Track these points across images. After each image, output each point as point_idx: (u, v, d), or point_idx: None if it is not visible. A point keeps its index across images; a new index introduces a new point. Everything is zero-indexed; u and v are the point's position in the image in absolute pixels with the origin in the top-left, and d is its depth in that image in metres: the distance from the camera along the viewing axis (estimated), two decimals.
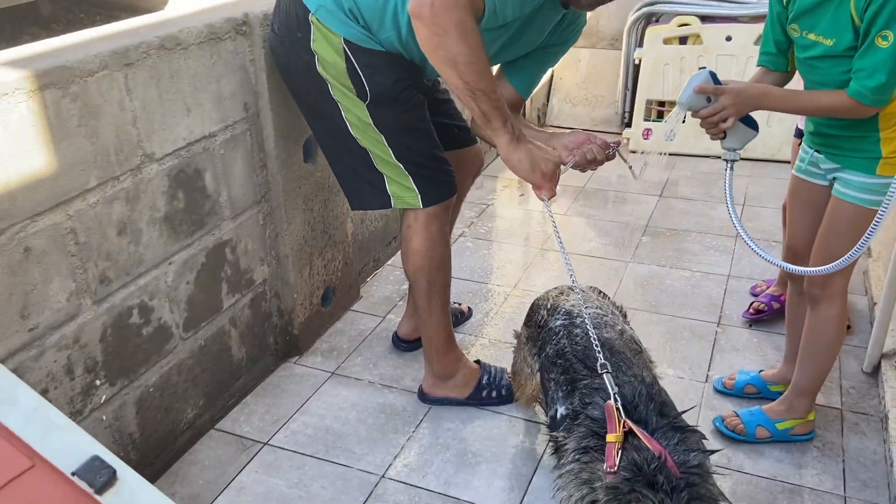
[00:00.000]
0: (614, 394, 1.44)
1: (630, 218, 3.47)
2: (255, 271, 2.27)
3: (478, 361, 2.33)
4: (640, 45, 4.25)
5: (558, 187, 1.84)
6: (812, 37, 1.67)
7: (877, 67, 1.55)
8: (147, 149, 1.79)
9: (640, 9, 4.24)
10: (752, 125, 1.79)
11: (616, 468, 1.29)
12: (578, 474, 1.39)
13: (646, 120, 4.23)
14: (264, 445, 2.10)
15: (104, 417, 1.80)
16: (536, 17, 1.82)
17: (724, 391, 2.25)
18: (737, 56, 4.01)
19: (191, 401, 2.08)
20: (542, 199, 1.82)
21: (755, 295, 2.74)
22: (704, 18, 4.10)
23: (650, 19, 4.27)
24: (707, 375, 2.35)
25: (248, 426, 2.19)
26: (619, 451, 1.31)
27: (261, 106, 2.13)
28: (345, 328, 2.66)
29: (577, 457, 1.42)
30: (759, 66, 1.88)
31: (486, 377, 2.27)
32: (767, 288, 2.72)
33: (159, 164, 1.83)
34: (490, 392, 2.25)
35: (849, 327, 2.51)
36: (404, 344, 2.53)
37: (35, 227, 1.54)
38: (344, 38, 1.83)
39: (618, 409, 1.40)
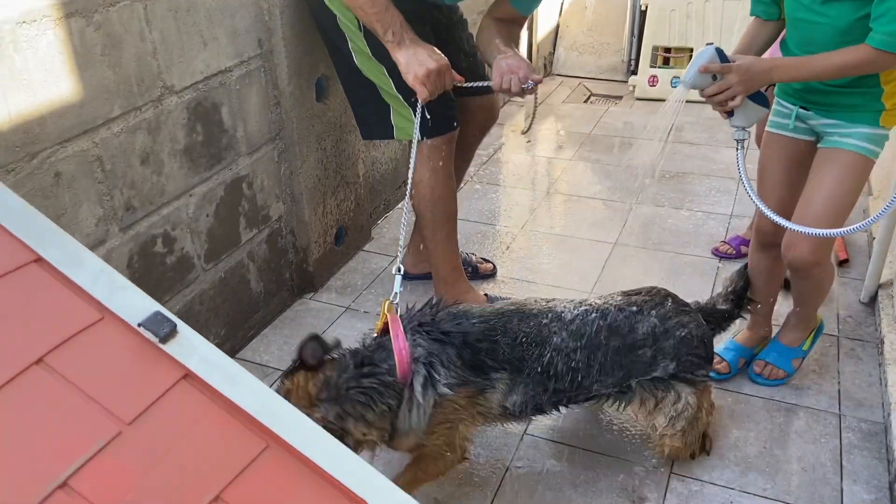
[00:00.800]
0: (394, 294, 1.68)
1: (635, 162, 3.52)
2: (271, 208, 2.34)
3: (486, 295, 2.41)
4: None
5: (565, 132, 1.87)
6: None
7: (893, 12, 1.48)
8: (167, 80, 1.84)
9: None
10: (762, 102, 1.73)
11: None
12: None
13: (652, 66, 4.24)
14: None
15: None
16: None
17: (723, 377, 2.11)
18: (742, 0, 4.01)
19: (212, 330, 2.17)
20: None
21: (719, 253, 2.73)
22: None
23: None
24: None
25: (267, 355, 2.28)
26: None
27: (274, 43, 2.18)
28: (357, 266, 2.73)
29: None
30: (751, 16, 1.83)
31: None
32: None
33: (178, 96, 1.88)
34: None
35: (847, 260, 2.58)
36: (408, 276, 2.60)
37: (64, 152, 1.61)
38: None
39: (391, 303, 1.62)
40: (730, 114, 1.72)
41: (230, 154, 2.11)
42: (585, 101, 4.33)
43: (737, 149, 1.76)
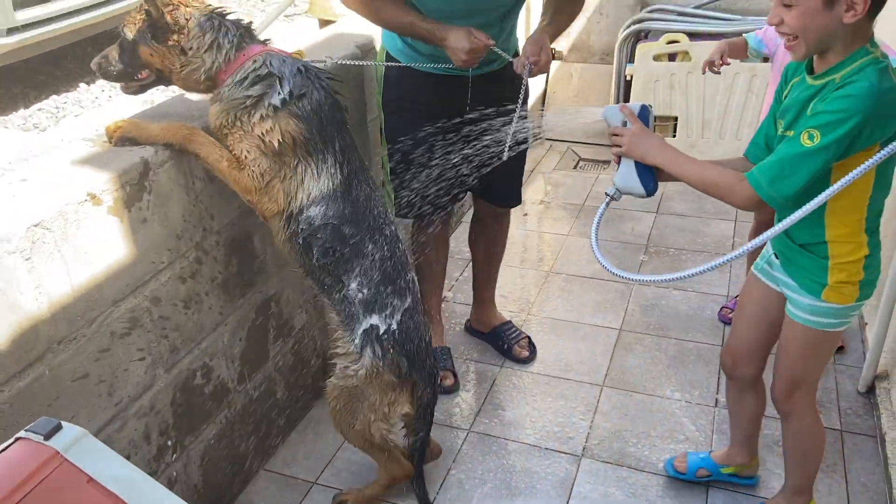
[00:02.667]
0: None
1: (630, 237, 3.64)
2: (296, 318, 2.40)
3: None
4: (631, 60, 4.39)
5: (559, 204, 1.97)
6: (789, 134, 1.61)
7: (784, 160, 1.52)
8: (207, 223, 1.90)
9: (629, 26, 4.38)
10: (646, 181, 1.72)
11: None
12: None
13: None
14: (313, 485, 2.25)
15: (174, 474, 1.93)
16: None
17: (678, 475, 2.20)
18: (723, 71, 4.18)
19: (243, 446, 2.21)
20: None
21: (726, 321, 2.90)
22: (692, 36, 4.25)
23: (640, 36, 4.42)
24: (716, 399, 2.54)
25: (295, 466, 2.33)
26: None
27: None
28: None
29: None
30: (744, 154, 1.82)
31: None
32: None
33: (217, 235, 1.95)
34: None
35: (842, 347, 2.72)
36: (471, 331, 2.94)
37: (118, 311, 1.66)
38: (385, 47, 2.24)
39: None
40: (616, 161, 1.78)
41: (261, 277, 2.17)
42: (575, 168, 4.46)
43: (603, 201, 1.79)
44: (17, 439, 0.98)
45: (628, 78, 4.41)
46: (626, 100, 4.46)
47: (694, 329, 2.92)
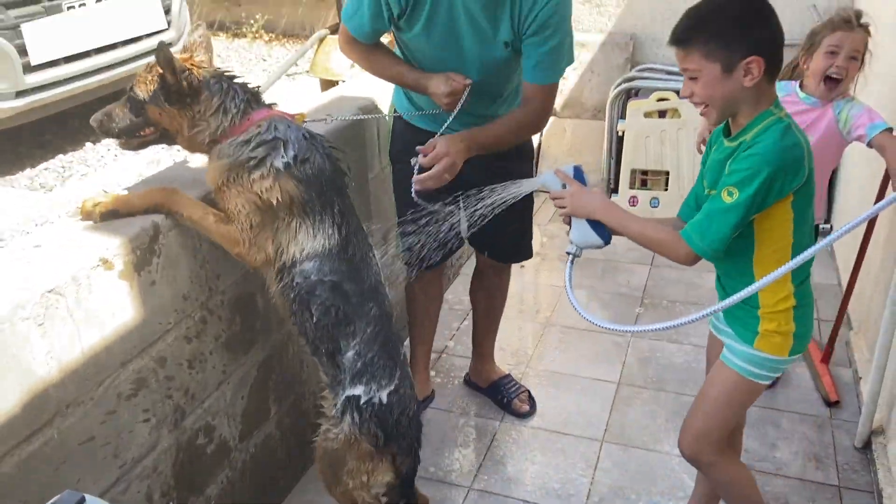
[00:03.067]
0: None
1: (626, 289, 3.69)
2: (296, 375, 2.42)
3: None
4: (623, 117, 4.51)
5: (554, 255, 2.04)
6: (712, 193, 1.71)
7: (710, 215, 1.63)
8: (212, 284, 1.94)
9: (620, 84, 4.51)
10: (600, 232, 1.78)
11: None
12: None
13: (631, 188, 4.48)
14: None
15: None
16: (450, 8, 2.05)
17: None
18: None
19: None
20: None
21: None
22: (680, 93, 4.37)
23: (630, 93, 4.54)
24: None
25: None
26: None
27: None
28: None
29: None
30: (678, 214, 1.91)
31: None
32: None
33: (222, 294, 1.99)
34: None
35: (837, 402, 2.74)
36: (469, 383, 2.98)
37: (125, 373, 1.69)
38: (394, 104, 2.36)
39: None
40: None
41: (263, 335, 2.20)
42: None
43: (567, 261, 1.84)
44: None
45: (620, 134, 4.52)
46: (619, 155, 4.56)
47: (691, 382, 2.94)
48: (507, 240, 2.58)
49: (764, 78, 1.61)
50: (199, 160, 2.00)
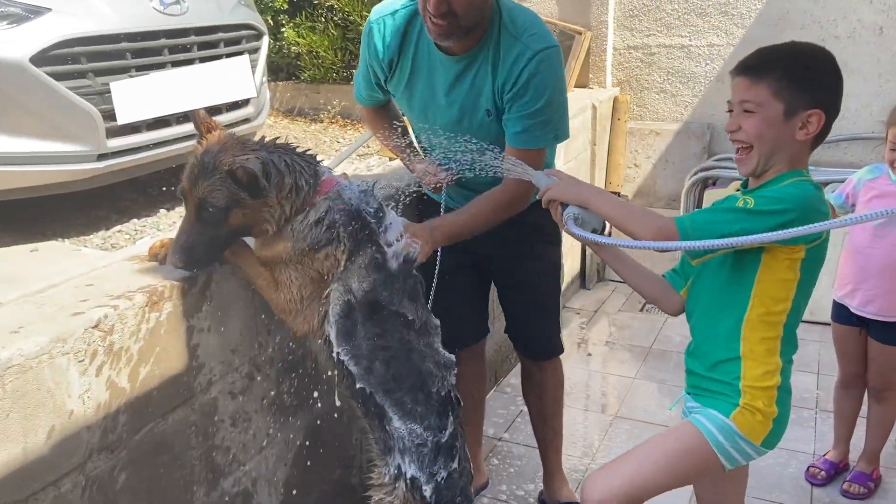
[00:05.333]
0: None
1: None
2: (343, 445, 2.29)
3: None
4: (699, 206, 4.37)
5: (624, 346, 1.85)
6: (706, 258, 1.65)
7: (717, 211, 1.51)
8: (263, 339, 1.87)
9: (696, 173, 4.40)
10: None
11: None
12: None
13: None
14: None
15: None
16: (418, 70, 2.04)
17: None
18: None
19: None
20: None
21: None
22: None
23: (707, 183, 4.41)
24: None
25: None
26: None
27: None
28: None
29: None
30: (663, 274, 1.85)
31: None
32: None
33: (272, 352, 1.91)
34: None
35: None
36: None
37: (164, 424, 1.60)
38: None
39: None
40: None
41: (311, 400, 2.09)
42: (641, 310, 4.33)
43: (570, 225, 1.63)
44: None
45: None
46: None
47: (778, 489, 2.65)
48: (530, 331, 2.41)
49: (812, 139, 1.56)
50: None
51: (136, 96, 3.00)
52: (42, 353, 1.33)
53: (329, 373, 1.85)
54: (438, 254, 2.06)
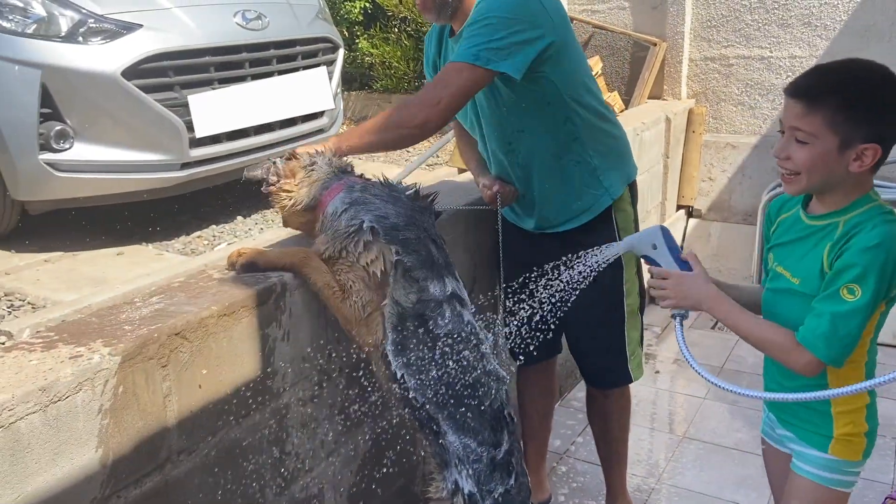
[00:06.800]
0: None
1: None
2: (408, 457, 2.31)
3: None
4: None
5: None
6: (780, 269, 1.59)
7: (835, 318, 1.43)
8: (333, 349, 1.92)
9: (774, 188, 4.26)
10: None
11: None
12: None
13: None
14: None
15: None
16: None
17: None
18: None
19: None
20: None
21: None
22: None
23: None
24: None
25: None
26: None
27: None
28: None
29: None
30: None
31: None
32: None
33: (341, 361, 1.95)
34: None
35: None
36: None
37: (238, 428, 1.66)
38: None
39: None
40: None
41: (377, 411, 2.13)
42: (713, 328, 4.22)
43: (675, 324, 1.66)
44: None
45: None
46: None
47: None
48: (590, 361, 2.36)
49: (869, 170, 1.46)
50: None
51: (215, 109, 3.12)
52: (129, 358, 1.40)
53: (388, 385, 1.88)
54: (502, 269, 2.06)
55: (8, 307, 2.51)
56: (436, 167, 5.01)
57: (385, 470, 2.19)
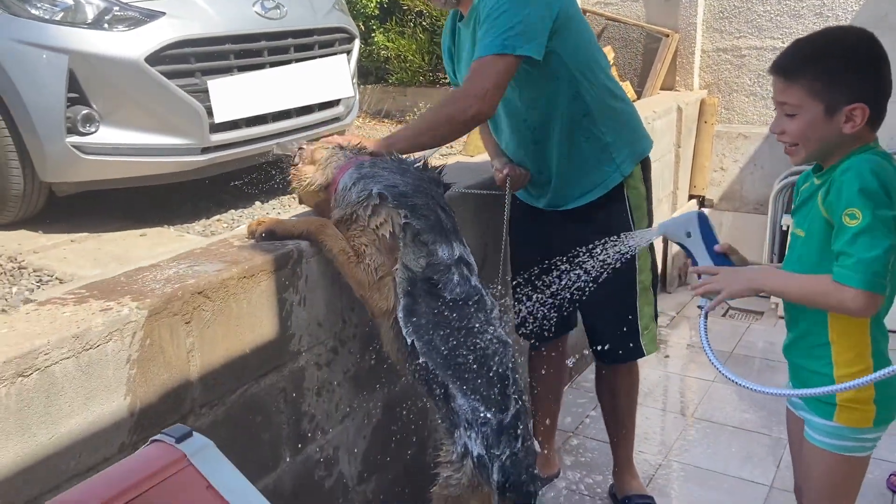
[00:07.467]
0: None
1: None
2: (421, 424, 2.39)
3: None
4: (787, 211, 4.26)
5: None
6: (796, 231, 1.63)
7: (852, 247, 1.43)
8: (347, 315, 1.99)
9: (786, 177, 4.29)
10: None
11: None
12: None
13: None
14: None
15: None
16: (459, 51, 2.26)
17: None
18: None
19: None
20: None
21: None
22: None
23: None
24: None
25: None
26: None
27: None
28: None
29: None
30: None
31: None
32: None
33: (355, 328, 2.03)
34: None
35: None
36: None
37: (257, 386, 1.74)
38: None
39: None
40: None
41: (391, 377, 2.21)
42: (724, 315, 4.26)
43: (700, 316, 1.66)
44: (153, 441, 1.06)
45: (784, 228, 4.26)
46: (782, 252, 4.29)
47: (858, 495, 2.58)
48: (601, 336, 2.40)
49: (866, 126, 1.50)
50: None
51: (234, 95, 3.20)
52: (156, 312, 1.49)
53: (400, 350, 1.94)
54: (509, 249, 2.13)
55: (37, 282, 2.60)
56: (449, 156, 5.09)
57: (397, 437, 2.27)
